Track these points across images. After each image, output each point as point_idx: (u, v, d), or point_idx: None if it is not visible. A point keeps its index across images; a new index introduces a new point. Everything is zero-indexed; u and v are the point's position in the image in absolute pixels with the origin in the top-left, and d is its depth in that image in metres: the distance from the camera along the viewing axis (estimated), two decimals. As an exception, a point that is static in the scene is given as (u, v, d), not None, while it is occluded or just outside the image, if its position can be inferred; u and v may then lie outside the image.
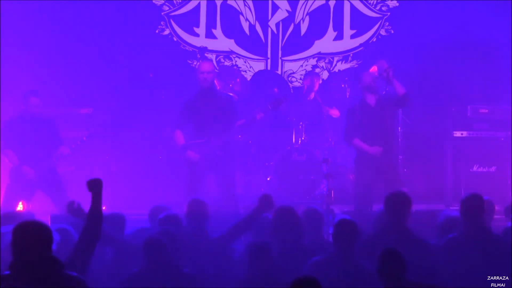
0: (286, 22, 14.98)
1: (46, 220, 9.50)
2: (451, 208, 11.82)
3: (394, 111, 12.54)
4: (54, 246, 7.33)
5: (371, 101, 12.29)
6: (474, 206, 8.15)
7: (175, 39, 15.00)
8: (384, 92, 13.02)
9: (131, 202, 12.84)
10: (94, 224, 7.24)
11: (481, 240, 7.99)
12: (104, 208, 11.04)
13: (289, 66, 14.95)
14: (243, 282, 7.81)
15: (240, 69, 14.88)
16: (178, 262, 7.92)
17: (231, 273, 8.23)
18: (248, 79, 14.59)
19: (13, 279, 6.45)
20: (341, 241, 7.83)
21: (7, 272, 6.50)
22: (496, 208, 11.74)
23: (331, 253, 7.94)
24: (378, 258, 6.84)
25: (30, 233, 6.48)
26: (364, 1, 14.94)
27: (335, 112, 13.41)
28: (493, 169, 13.53)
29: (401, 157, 13.31)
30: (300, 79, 14.56)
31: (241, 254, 8.31)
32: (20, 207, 12.08)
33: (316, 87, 13.68)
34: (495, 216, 10.89)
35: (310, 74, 14.13)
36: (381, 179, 11.99)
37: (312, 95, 13.64)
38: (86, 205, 7.63)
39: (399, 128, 13.18)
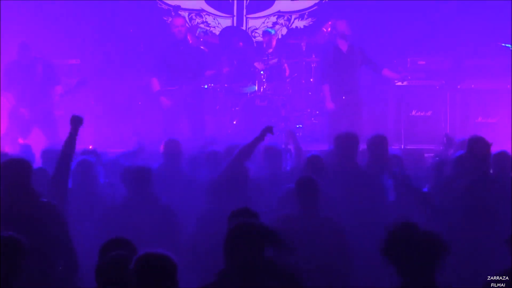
0: (250, -18, 14.90)
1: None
2: (392, 147, 11.91)
3: (362, 61, 12.71)
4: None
5: (343, 47, 12.46)
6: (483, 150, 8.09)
7: (152, -2, 14.96)
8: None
9: (114, 141, 12.90)
10: (67, 153, 7.35)
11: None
12: (90, 147, 11.27)
13: (252, 23, 14.93)
14: (204, 211, 7.91)
15: (210, 25, 14.91)
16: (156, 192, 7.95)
17: (197, 203, 8.21)
18: (217, 34, 14.62)
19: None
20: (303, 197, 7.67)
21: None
22: (429, 147, 12.09)
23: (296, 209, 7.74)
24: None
25: (13, 167, 6.70)
26: None
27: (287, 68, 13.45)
28: (429, 113, 13.56)
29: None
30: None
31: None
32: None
33: (273, 44, 13.63)
34: (429, 154, 11.21)
35: (268, 33, 13.98)
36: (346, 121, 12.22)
37: (272, 47, 13.63)
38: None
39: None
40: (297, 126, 13.10)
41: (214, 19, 14.95)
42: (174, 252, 4.98)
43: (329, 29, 13.38)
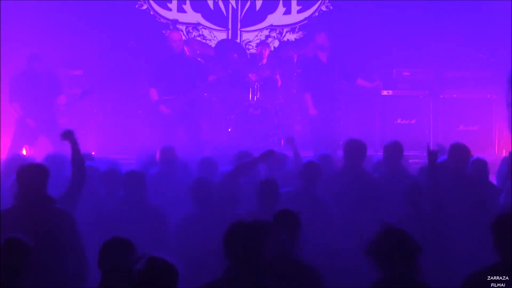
0: (244, -1, 14.96)
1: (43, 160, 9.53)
2: (378, 153, 11.93)
3: (339, 71, 12.76)
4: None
5: (323, 58, 12.51)
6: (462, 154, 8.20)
7: (151, 13, 14.93)
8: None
9: (115, 148, 12.93)
10: (78, 168, 7.23)
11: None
12: (93, 153, 11.28)
13: (246, 36, 14.93)
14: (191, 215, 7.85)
15: (206, 38, 14.95)
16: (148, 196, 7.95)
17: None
18: (213, 46, 14.64)
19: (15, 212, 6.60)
20: (306, 178, 7.99)
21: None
22: (414, 153, 12.13)
23: (297, 187, 8.04)
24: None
25: (30, 173, 6.64)
26: None
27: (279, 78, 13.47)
28: (413, 121, 13.56)
29: (339, 111, 13.46)
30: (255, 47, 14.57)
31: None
32: (24, 151, 12.13)
33: (266, 54, 13.66)
34: (414, 160, 11.27)
35: (261, 44, 14.09)
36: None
37: (264, 61, 13.66)
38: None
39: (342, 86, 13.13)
40: (228, 130, 13.16)
41: (210, 32, 14.96)
42: (162, 252, 5.03)
43: (319, 42, 13.40)
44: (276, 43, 14.92)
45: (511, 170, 8.33)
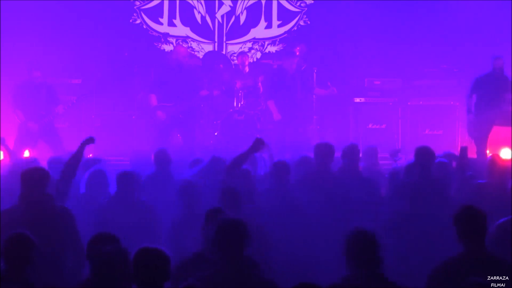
0: (229, 14, 14.91)
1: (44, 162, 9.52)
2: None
3: (307, 82, 12.82)
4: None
5: (290, 68, 12.57)
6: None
7: (144, 27, 14.93)
8: (304, 67, 13.28)
9: (111, 150, 12.90)
10: (73, 163, 7.32)
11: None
12: (90, 155, 11.26)
13: (231, 48, 14.93)
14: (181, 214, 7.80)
15: (194, 49, 14.95)
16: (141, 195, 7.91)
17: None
18: (200, 57, 14.66)
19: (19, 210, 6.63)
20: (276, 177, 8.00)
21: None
22: (384, 155, 12.15)
23: (269, 187, 8.04)
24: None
25: (33, 176, 6.68)
26: None
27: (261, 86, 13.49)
28: (384, 126, 13.61)
29: (315, 117, 13.52)
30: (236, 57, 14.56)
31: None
32: (26, 154, 12.11)
33: (246, 63, 13.69)
34: (383, 162, 11.29)
35: (241, 54, 14.13)
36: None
37: (247, 69, 13.68)
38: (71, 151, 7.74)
39: (313, 95, 13.25)
40: (215, 134, 13.18)
41: (198, 44, 14.96)
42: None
43: (297, 53, 13.44)
44: (259, 55, 14.93)
45: (460, 167, 8.35)
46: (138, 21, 14.96)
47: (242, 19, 14.95)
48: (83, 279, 5.43)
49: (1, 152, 10.79)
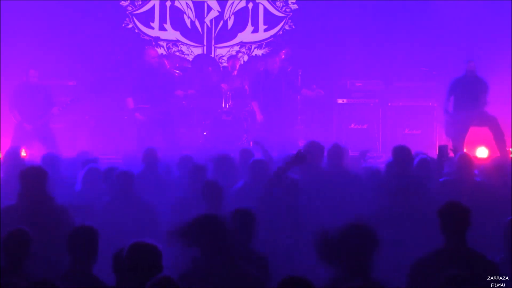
0: (217, 19, 14.91)
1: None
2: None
3: (292, 83, 12.84)
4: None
5: (274, 71, 12.61)
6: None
7: (136, 31, 14.91)
8: (289, 69, 13.31)
9: (105, 149, 12.89)
10: None
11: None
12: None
13: (219, 51, 14.93)
14: (179, 200, 7.83)
15: (184, 53, 14.96)
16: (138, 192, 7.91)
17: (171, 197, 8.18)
18: (190, 60, 14.65)
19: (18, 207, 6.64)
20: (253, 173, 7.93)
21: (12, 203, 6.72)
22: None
23: (246, 182, 7.98)
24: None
25: (31, 174, 6.69)
26: (273, 5, 14.91)
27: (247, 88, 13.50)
28: (365, 126, 13.66)
29: (300, 117, 13.55)
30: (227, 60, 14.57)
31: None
32: (22, 153, 12.08)
33: (237, 66, 13.72)
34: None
35: (232, 57, 14.17)
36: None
37: (235, 72, 13.72)
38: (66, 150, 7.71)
39: (298, 96, 13.29)
40: (204, 133, 13.18)
41: (187, 48, 14.95)
42: (153, 240, 5.05)
43: (282, 56, 13.47)
44: (246, 58, 14.93)
45: (439, 165, 8.37)
46: (130, 26, 14.94)
47: (230, 23, 14.95)
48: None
49: None
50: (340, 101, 13.78)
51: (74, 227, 5.70)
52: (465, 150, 11.36)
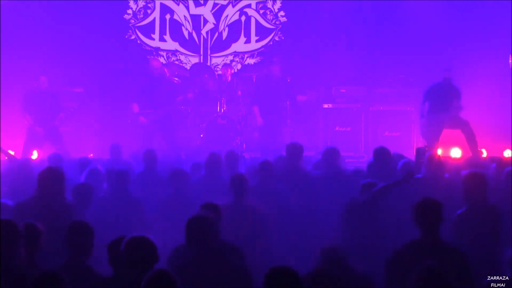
0: (213, 31, 14.91)
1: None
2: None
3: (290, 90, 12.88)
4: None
5: (273, 78, 12.63)
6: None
7: (138, 42, 14.92)
8: (289, 79, 13.31)
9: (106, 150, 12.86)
10: None
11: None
12: (91, 155, 11.27)
13: (215, 60, 14.93)
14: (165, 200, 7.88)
15: (182, 62, 14.98)
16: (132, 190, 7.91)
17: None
18: (188, 68, 14.67)
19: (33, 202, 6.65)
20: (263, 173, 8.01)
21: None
22: (349, 154, 12.23)
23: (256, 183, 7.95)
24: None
25: (49, 177, 6.73)
26: (264, 18, 14.90)
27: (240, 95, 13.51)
28: (349, 128, 13.64)
29: (289, 120, 13.57)
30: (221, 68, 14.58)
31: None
32: (34, 154, 12.11)
33: (229, 73, 13.72)
34: (349, 160, 11.33)
35: (225, 66, 14.15)
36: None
37: (229, 78, 13.70)
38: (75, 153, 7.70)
39: (288, 101, 13.26)
40: (200, 135, 13.18)
41: (185, 57, 14.96)
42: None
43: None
44: (239, 66, 14.94)
45: (416, 165, 8.36)
46: (133, 37, 14.94)
47: (224, 35, 14.95)
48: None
49: None
50: (325, 105, 13.80)
51: (72, 222, 5.74)
52: (438, 150, 11.46)
